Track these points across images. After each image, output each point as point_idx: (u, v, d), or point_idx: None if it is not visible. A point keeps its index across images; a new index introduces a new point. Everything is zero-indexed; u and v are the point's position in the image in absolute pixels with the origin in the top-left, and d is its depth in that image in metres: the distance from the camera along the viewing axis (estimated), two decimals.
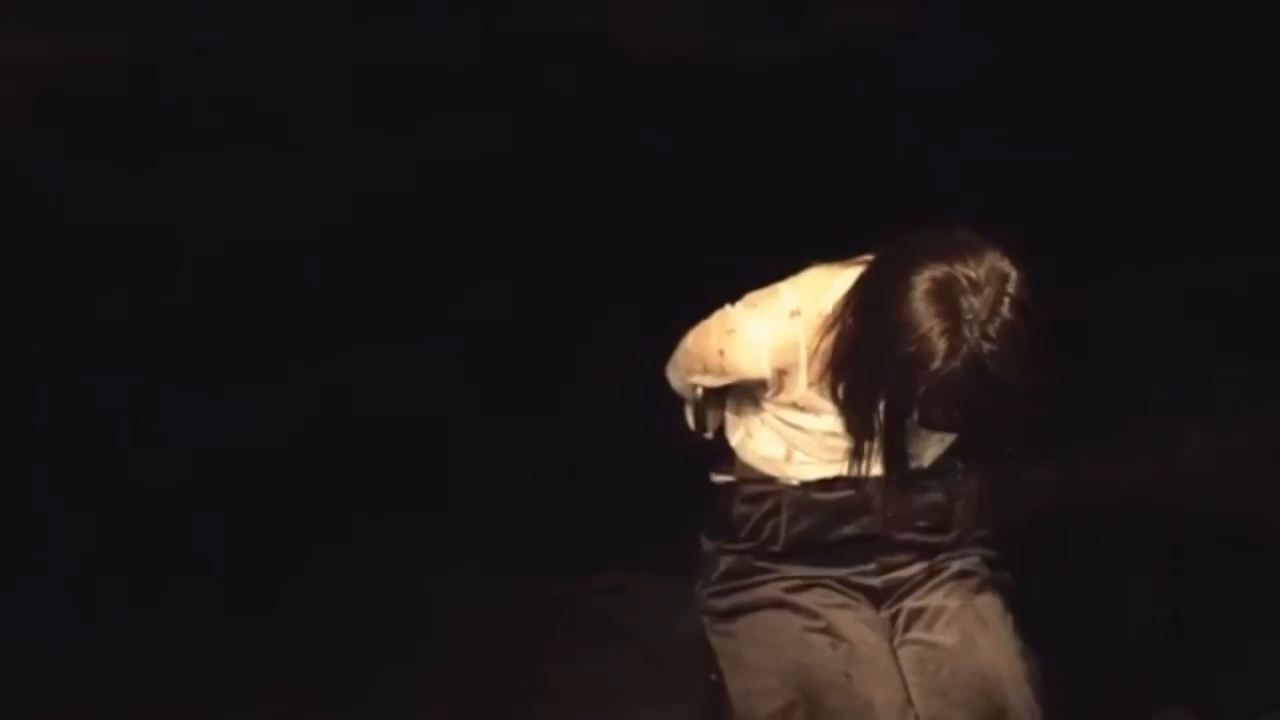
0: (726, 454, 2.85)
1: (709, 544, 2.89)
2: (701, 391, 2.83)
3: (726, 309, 2.71)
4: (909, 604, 2.80)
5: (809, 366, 2.64)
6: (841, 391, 2.60)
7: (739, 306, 2.70)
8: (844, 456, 2.65)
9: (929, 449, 2.71)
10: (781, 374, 2.67)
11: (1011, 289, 2.42)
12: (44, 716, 3.73)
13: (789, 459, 2.75)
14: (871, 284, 2.54)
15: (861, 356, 2.53)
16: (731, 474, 2.84)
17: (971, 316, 2.39)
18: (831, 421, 2.66)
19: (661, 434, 3.11)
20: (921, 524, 2.79)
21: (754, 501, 2.80)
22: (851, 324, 2.55)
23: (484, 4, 6.91)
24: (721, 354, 2.69)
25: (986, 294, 2.40)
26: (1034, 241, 2.57)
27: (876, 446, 2.61)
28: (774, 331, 2.64)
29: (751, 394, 2.75)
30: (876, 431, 2.59)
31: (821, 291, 2.64)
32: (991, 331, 2.39)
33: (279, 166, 6.04)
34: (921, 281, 2.42)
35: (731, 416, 2.84)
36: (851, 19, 6.76)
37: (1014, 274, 2.43)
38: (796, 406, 2.69)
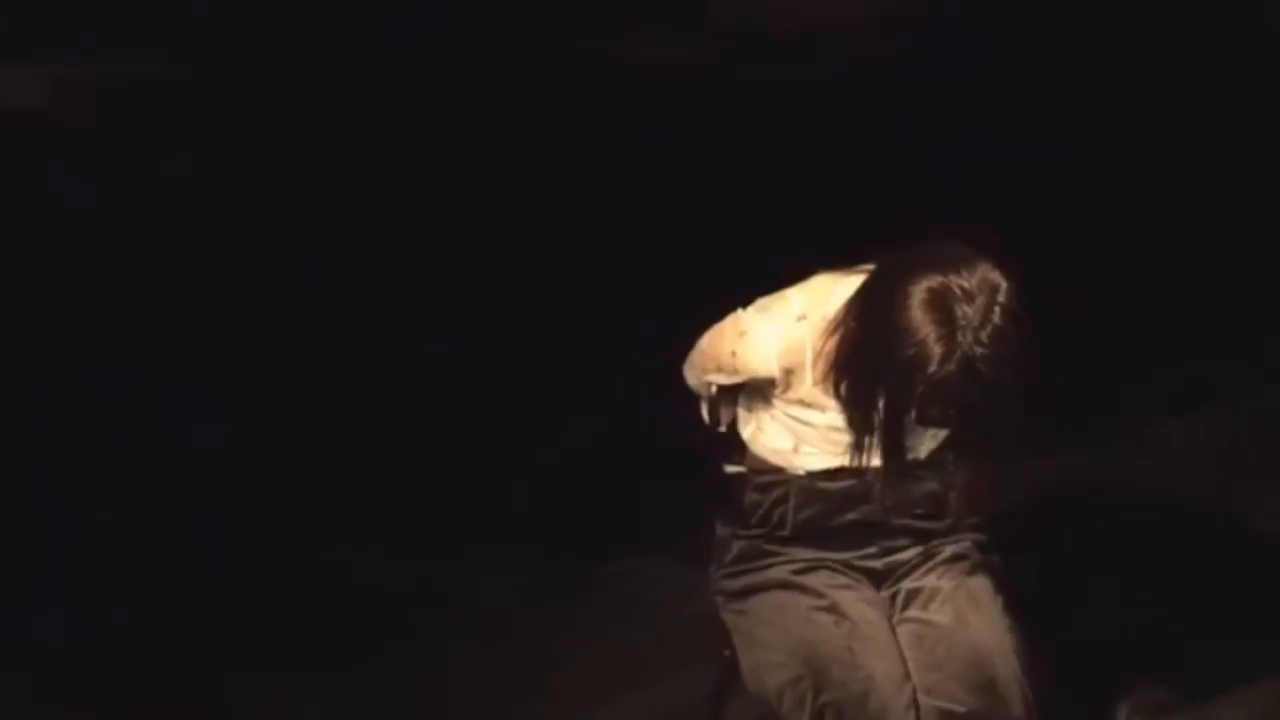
0: (739, 446, 3.03)
1: (722, 529, 3.08)
2: (716, 389, 3.02)
3: (739, 313, 2.90)
4: (906, 585, 2.98)
5: (814, 366, 2.82)
6: (844, 390, 2.77)
7: (750, 310, 2.89)
8: (847, 449, 2.82)
9: (924, 443, 2.88)
10: (789, 373, 2.84)
11: (1002, 298, 2.59)
12: (44, 716, 3.72)
13: (796, 451, 2.93)
14: (872, 292, 2.71)
15: (863, 359, 2.71)
16: (743, 465, 3.02)
17: (965, 323, 2.56)
18: (835, 417, 2.84)
19: (661, 433, 3.13)
20: (918, 511, 2.97)
21: (764, 490, 2.99)
22: (854, 328, 2.72)
23: (485, 5, 6.92)
24: (734, 354, 2.88)
25: (979, 303, 2.57)
26: (1034, 241, 2.60)
27: (876, 440, 2.77)
28: (782, 334, 2.83)
29: (762, 391, 2.93)
30: (876, 427, 2.75)
31: (826, 297, 2.82)
32: (984, 337, 2.56)
33: (279, 167, 6.04)
34: (919, 291, 2.59)
35: (743, 412, 3.02)
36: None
37: (1004, 284, 2.60)
38: (803, 403, 2.87)
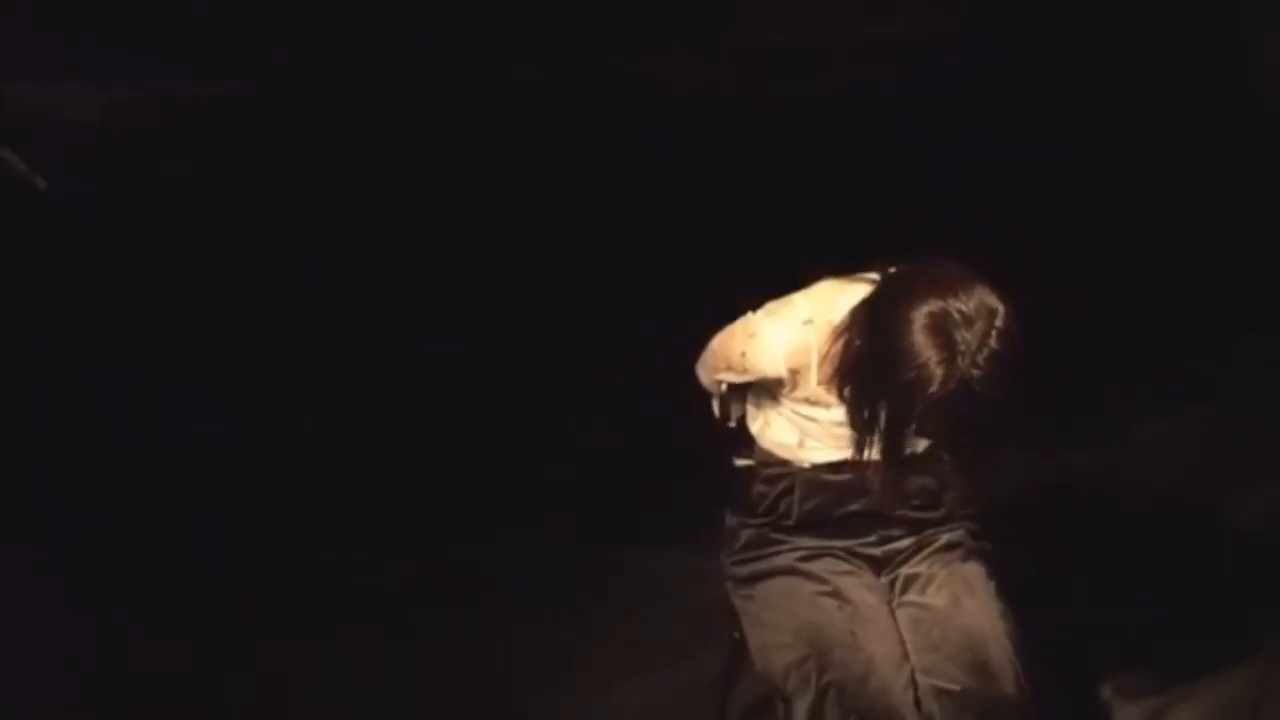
0: (747, 440, 3.18)
1: (731, 519, 3.23)
2: (726, 387, 3.16)
3: (748, 316, 3.04)
4: (904, 571, 3.14)
5: (819, 368, 2.97)
6: (848, 397, 2.92)
7: (759, 314, 3.03)
8: (849, 444, 2.95)
9: (920, 441, 3.01)
10: (795, 373, 3.00)
11: (999, 322, 2.73)
12: (44, 716, 3.73)
13: (802, 445, 3.09)
14: (876, 311, 2.85)
15: (867, 373, 2.86)
16: (751, 458, 3.18)
17: (964, 348, 2.71)
18: (839, 414, 2.99)
19: (661, 433, 3.15)
20: (915, 503, 3.13)
21: (771, 482, 3.14)
22: (859, 345, 2.87)
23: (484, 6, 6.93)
24: (744, 355, 3.03)
25: (977, 328, 2.72)
26: (1034, 241, 2.61)
27: (877, 439, 2.90)
28: (789, 336, 2.98)
29: (769, 389, 3.08)
30: (877, 429, 2.87)
31: (832, 303, 2.97)
32: (981, 361, 2.71)
33: (279, 167, 6.04)
34: (920, 316, 2.73)
35: (752, 408, 3.17)
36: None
37: (1001, 308, 2.74)
38: (808, 401, 3.03)
